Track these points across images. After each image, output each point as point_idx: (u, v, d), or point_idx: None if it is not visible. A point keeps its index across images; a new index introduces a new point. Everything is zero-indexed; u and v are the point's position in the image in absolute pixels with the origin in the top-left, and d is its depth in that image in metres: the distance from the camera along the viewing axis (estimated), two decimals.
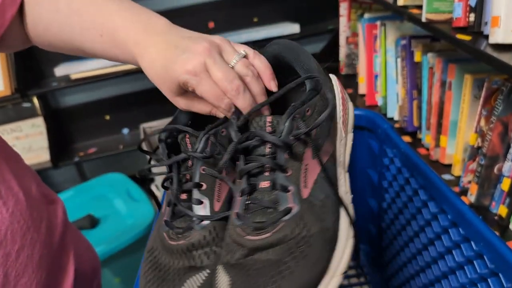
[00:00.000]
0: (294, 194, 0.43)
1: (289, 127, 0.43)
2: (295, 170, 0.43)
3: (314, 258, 0.40)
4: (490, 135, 0.81)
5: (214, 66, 0.45)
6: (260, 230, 0.42)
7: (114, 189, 1.63)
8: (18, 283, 0.49)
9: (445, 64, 0.97)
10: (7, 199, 0.50)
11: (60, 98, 2.00)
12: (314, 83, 0.47)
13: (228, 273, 0.42)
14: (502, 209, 0.80)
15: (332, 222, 0.43)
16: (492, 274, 0.53)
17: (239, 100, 0.45)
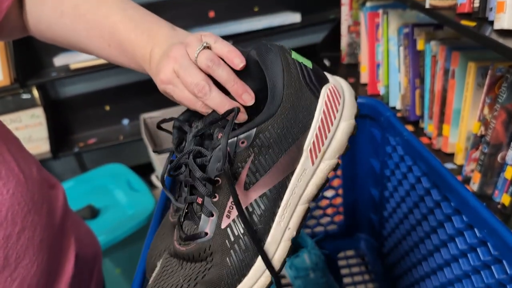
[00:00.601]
0: (214, 220, 0.43)
1: (216, 157, 0.42)
2: (222, 197, 0.43)
3: (205, 287, 0.42)
4: (494, 123, 0.81)
5: (180, 71, 0.45)
6: (181, 240, 0.45)
7: (114, 180, 1.62)
8: (19, 265, 0.49)
9: (449, 52, 0.96)
10: (8, 180, 0.50)
11: (60, 88, 1.99)
12: (267, 109, 0.44)
13: (161, 264, 0.47)
14: (506, 198, 0.80)
15: (239, 260, 0.43)
16: (495, 261, 0.52)
17: (208, 101, 0.45)
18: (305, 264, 0.88)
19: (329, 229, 1.02)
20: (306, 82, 0.45)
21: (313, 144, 0.45)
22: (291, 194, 0.44)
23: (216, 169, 0.42)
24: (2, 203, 0.48)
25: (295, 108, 0.44)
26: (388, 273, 0.92)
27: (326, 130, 0.45)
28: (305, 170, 0.45)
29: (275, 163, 0.43)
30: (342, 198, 0.97)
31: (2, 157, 0.51)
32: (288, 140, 0.44)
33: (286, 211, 0.44)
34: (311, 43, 2.02)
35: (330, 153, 0.46)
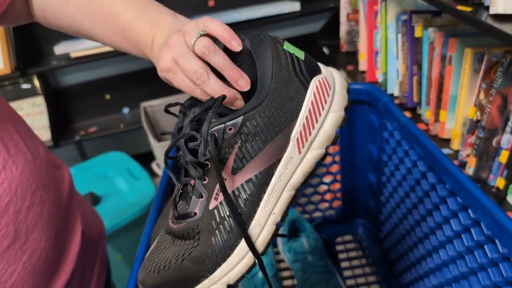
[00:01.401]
0: (203, 201, 0.45)
1: (205, 143, 0.44)
2: (211, 180, 0.45)
3: (191, 264, 0.45)
4: (489, 108, 0.82)
5: (179, 60, 0.46)
6: (174, 219, 0.48)
7: (115, 168, 1.64)
8: (28, 238, 0.51)
9: (446, 38, 0.97)
10: (17, 158, 0.52)
11: (60, 77, 2.00)
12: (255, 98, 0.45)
13: (157, 241, 0.50)
14: (500, 181, 0.81)
15: (223, 240, 0.45)
16: (488, 240, 0.54)
17: (206, 88, 0.46)
18: (303, 248, 0.90)
19: (327, 214, 1.03)
20: (296, 73, 0.46)
21: (300, 134, 0.46)
22: (277, 180, 0.46)
23: (203, 153, 0.44)
24: (12, 179, 0.50)
25: (282, 98, 0.45)
26: (385, 257, 0.93)
27: (314, 120, 0.46)
28: (292, 158, 0.46)
29: (261, 150, 0.45)
30: (340, 183, 0.98)
31: (11, 136, 0.53)
32: (275, 129, 0.45)
33: (271, 196, 0.46)
34: (310, 32, 2.02)
35: (317, 143, 0.47)
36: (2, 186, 0.49)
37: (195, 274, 0.45)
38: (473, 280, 0.59)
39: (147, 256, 0.49)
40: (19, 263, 0.50)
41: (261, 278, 0.86)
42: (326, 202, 1.01)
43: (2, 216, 0.48)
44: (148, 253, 0.50)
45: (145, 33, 0.51)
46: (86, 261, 0.65)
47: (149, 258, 0.48)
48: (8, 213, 0.49)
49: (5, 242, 0.48)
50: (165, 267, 0.46)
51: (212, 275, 0.45)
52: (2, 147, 0.51)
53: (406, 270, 0.82)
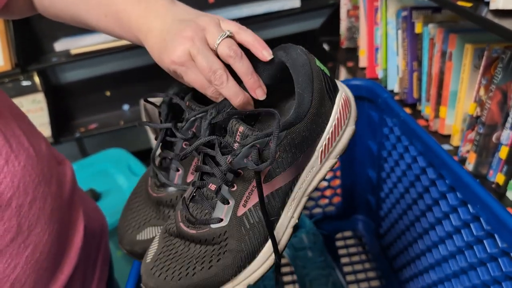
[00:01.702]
0: (230, 208, 0.45)
1: (244, 153, 0.44)
2: (240, 187, 0.45)
3: (218, 270, 0.45)
4: (489, 104, 0.82)
5: (197, 56, 0.45)
6: (190, 223, 0.47)
7: (115, 164, 1.64)
8: (31, 233, 0.51)
9: (446, 34, 0.97)
10: (19, 153, 0.52)
11: (60, 74, 1.99)
12: (295, 113, 0.46)
13: (159, 243, 0.49)
14: (500, 177, 0.81)
15: (253, 245, 0.46)
16: (488, 235, 0.54)
17: (223, 90, 0.46)
18: (303, 243, 0.90)
19: (327, 210, 1.03)
20: (327, 90, 0.49)
21: (324, 146, 0.49)
22: (299, 188, 0.48)
23: (247, 165, 0.43)
24: (14, 174, 0.50)
25: (318, 114, 0.47)
26: (385, 253, 0.94)
27: (336, 134, 0.50)
28: (313, 167, 0.49)
29: (294, 162, 0.46)
30: (340, 180, 0.98)
31: (13, 132, 0.53)
32: (308, 142, 0.47)
33: (293, 202, 0.48)
34: (310, 28, 2.02)
35: (334, 153, 0.51)
36: (5, 181, 0.49)
37: (221, 279, 0.45)
38: (472, 275, 0.59)
39: (149, 260, 0.48)
40: (22, 257, 0.50)
41: None
42: (326, 198, 1.02)
43: (5, 210, 0.48)
44: (152, 258, 0.48)
45: (139, 16, 0.50)
46: (88, 256, 0.65)
47: (156, 264, 0.47)
48: (11, 208, 0.49)
49: (8, 236, 0.49)
50: (188, 274, 0.45)
51: (236, 278, 0.46)
52: (4, 142, 0.51)
53: (406, 265, 0.82)
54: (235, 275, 0.46)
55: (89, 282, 0.64)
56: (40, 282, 0.53)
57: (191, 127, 0.51)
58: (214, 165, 0.45)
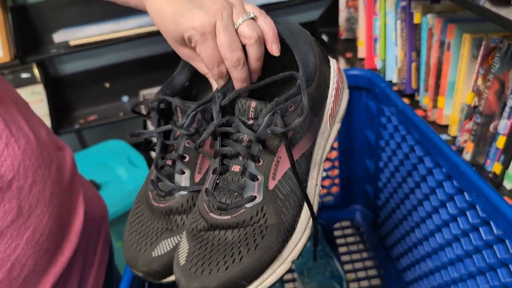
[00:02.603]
0: (260, 183, 0.45)
1: (267, 121, 0.43)
2: (266, 161, 0.45)
3: (265, 247, 0.43)
4: (487, 93, 0.82)
5: (222, 31, 0.43)
6: (222, 210, 0.45)
7: (115, 156, 1.64)
8: (31, 215, 0.52)
9: (445, 24, 0.97)
10: (19, 137, 0.53)
11: (59, 65, 1.99)
12: (305, 77, 0.47)
13: (189, 242, 0.46)
14: (497, 167, 0.81)
15: (291, 216, 0.45)
16: (483, 223, 0.54)
17: (236, 71, 0.45)
18: None
19: (326, 200, 1.04)
20: (323, 55, 0.51)
21: (331, 110, 0.51)
22: (316, 154, 0.49)
23: (275, 131, 0.43)
24: (14, 157, 0.51)
25: (322, 77, 0.49)
26: (383, 243, 0.94)
27: (338, 97, 0.52)
28: (324, 133, 0.50)
29: (312, 125, 0.47)
30: (338, 170, 0.99)
31: (12, 117, 0.54)
32: (320, 104, 0.48)
33: (314, 169, 0.49)
34: (309, 20, 2.02)
35: (338, 117, 0.53)
36: (5, 164, 0.50)
37: (270, 258, 0.44)
38: (468, 263, 0.59)
39: (184, 262, 0.45)
40: (23, 238, 0.51)
41: None
42: (324, 188, 1.02)
43: (5, 192, 0.49)
44: (186, 260, 0.45)
45: None
46: (89, 239, 0.66)
47: (194, 263, 0.44)
48: (11, 190, 0.50)
49: (8, 218, 0.49)
50: (235, 260, 0.42)
51: (281, 254, 0.44)
52: (4, 126, 0.52)
53: (403, 254, 0.83)
54: (279, 251, 0.44)
55: (89, 265, 0.65)
56: (40, 263, 0.54)
57: (192, 122, 0.49)
58: (236, 144, 0.45)
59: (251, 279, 0.43)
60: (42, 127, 0.61)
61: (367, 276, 0.91)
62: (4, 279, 0.49)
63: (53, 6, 1.82)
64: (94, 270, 0.66)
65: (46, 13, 1.83)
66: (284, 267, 0.45)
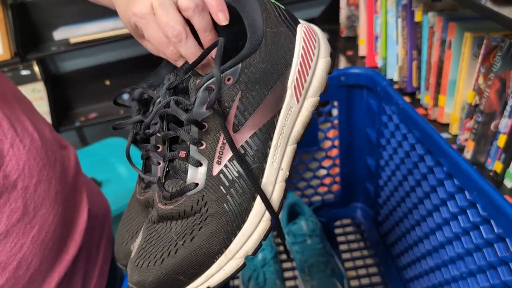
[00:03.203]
0: (203, 169, 0.41)
1: (201, 99, 0.40)
2: (210, 143, 0.41)
3: (203, 240, 0.40)
4: (488, 92, 0.82)
5: (158, 9, 0.42)
6: (166, 199, 0.42)
7: (115, 153, 1.64)
8: (37, 214, 0.52)
9: (446, 23, 0.97)
10: (23, 137, 0.53)
11: (60, 63, 1.99)
12: (248, 44, 0.42)
13: (142, 235, 0.44)
14: (498, 165, 0.82)
15: (237, 205, 0.41)
16: (484, 221, 0.54)
17: (181, 47, 0.43)
18: (302, 230, 0.91)
19: (326, 198, 1.04)
20: (283, 20, 0.45)
21: (296, 81, 0.44)
22: (280, 133, 0.44)
23: (206, 106, 0.40)
24: (20, 157, 0.52)
25: (276, 43, 0.44)
26: (383, 240, 0.94)
27: (307, 66, 0.45)
28: (291, 108, 0.44)
29: (263, 100, 0.42)
30: (339, 168, 0.99)
31: (17, 116, 0.55)
32: (273, 76, 0.43)
33: (277, 151, 0.43)
34: (310, 17, 2.02)
35: (312, 90, 0.46)
36: (10, 164, 0.50)
37: (209, 251, 0.40)
38: (469, 261, 0.60)
39: (134, 255, 0.43)
40: (28, 237, 0.51)
41: (261, 259, 0.87)
42: (325, 186, 1.02)
43: (11, 192, 0.50)
44: (136, 251, 0.43)
45: None
46: (92, 237, 0.66)
47: (140, 255, 0.42)
48: (17, 189, 0.50)
49: (14, 216, 0.50)
50: (170, 253, 0.40)
51: (228, 249, 0.40)
52: (9, 126, 0.52)
53: (404, 252, 0.83)
54: (226, 245, 0.40)
55: (93, 263, 0.66)
56: (46, 261, 0.54)
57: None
58: (177, 127, 0.42)
59: (191, 275, 0.40)
60: (46, 126, 0.61)
61: (368, 273, 0.91)
62: (11, 278, 0.50)
63: (54, 4, 1.82)
64: (98, 268, 0.66)
65: (46, 10, 1.83)
66: (235, 263, 0.41)
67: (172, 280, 0.40)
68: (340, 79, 0.86)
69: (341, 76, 0.86)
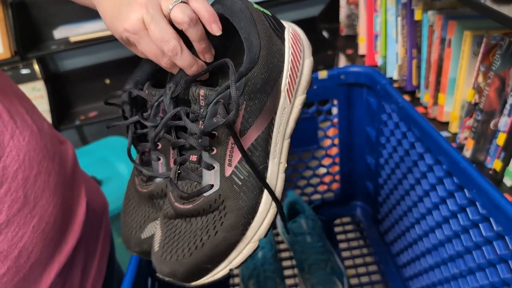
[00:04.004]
0: (217, 171, 0.46)
1: (211, 112, 0.43)
2: (220, 149, 0.45)
3: (225, 232, 0.45)
4: (487, 91, 0.82)
5: (151, 24, 0.43)
6: (183, 199, 0.47)
7: (115, 152, 1.64)
8: (37, 204, 0.53)
9: (445, 21, 0.97)
10: (23, 129, 0.54)
11: (60, 61, 1.99)
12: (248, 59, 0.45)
13: (162, 230, 0.49)
14: (497, 164, 0.82)
15: (250, 199, 0.46)
16: (483, 219, 0.55)
17: (177, 60, 0.45)
18: (302, 229, 0.91)
19: (326, 197, 1.04)
20: (273, 29, 0.49)
21: (288, 84, 0.49)
22: (277, 132, 0.49)
23: (218, 122, 0.43)
24: (20, 148, 0.52)
25: (270, 53, 0.47)
26: (383, 238, 0.95)
27: (296, 69, 0.50)
28: (285, 108, 0.49)
29: (263, 106, 0.46)
30: (339, 166, 0.99)
31: (16, 109, 0.55)
32: (270, 83, 0.47)
33: (276, 148, 0.48)
34: (310, 16, 2.02)
35: (300, 89, 0.51)
36: (11, 154, 0.51)
37: (231, 241, 0.45)
38: (468, 259, 0.60)
39: (157, 248, 0.48)
40: (29, 226, 0.52)
41: (261, 258, 0.87)
42: (325, 184, 1.03)
43: (12, 182, 0.51)
44: (159, 246, 0.48)
45: None
46: (91, 230, 0.67)
47: (165, 249, 0.47)
48: (17, 180, 0.51)
49: (15, 206, 0.51)
50: (198, 247, 0.45)
51: (245, 236, 0.46)
52: (9, 118, 0.53)
53: (403, 250, 0.83)
54: (243, 233, 0.46)
55: (92, 255, 0.67)
56: (46, 251, 0.55)
57: (157, 112, 0.50)
58: (188, 136, 0.46)
59: (217, 262, 0.46)
60: (44, 121, 0.62)
61: (367, 271, 0.91)
62: (12, 266, 0.51)
63: (54, 2, 1.81)
64: (96, 261, 0.67)
65: (46, 9, 1.82)
66: (251, 247, 0.47)
67: (201, 268, 0.45)
68: (340, 77, 0.86)
69: (341, 75, 0.86)
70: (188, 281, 0.46)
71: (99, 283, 0.68)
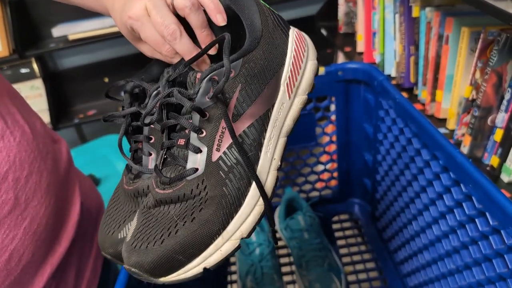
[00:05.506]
0: (203, 155, 0.43)
1: (204, 88, 0.43)
2: (210, 131, 0.44)
3: (203, 220, 0.42)
4: (485, 86, 0.82)
5: (153, 10, 0.45)
6: (165, 185, 0.44)
7: (114, 150, 1.64)
8: (28, 205, 0.53)
9: (443, 18, 0.97)
10: (14, 129, 0.54)
11: (58, 60, 1.99)
12: (248, 41, 0.46)
13: (138, 219, 0.46)
14: (494, 160, 0.82)
15: (235, 188, 0.44)
16: (479, 214, 0.55)
17: (176, 45, 0.45)
18: (299, 225, 0.91)
19: (324, 194, 1.04)
20: (277, 23, 0.50)
21: (288, 79, 0.49)
22: (273, 126, 0.47)
23: (212, 95, 0.42)
24: (10, 149, 0.52)
25: (272, 43, 0.47)
26: (380, 235, 0.95)
27: (298, 67, 0.50)
28: (283, 103, 0.48)
29: (260, 94, 0.46)
30: (337, 163, 0.99)
31: (7, 109, 0.55)
32: (269, 72, 0.47)
33: (270, 142, 0.47)
34: (308, 14, 2.02)
35: (301, 89, 0.50)
36: (1, 155, 0.51)
37: (208, 232, 0.42)
38: (464, 254, 0.60)
39: (130, 239, 0.44)
40: (20, 228, 0.52)
41: (258, 254, 0.87)
42: (323, 181, 1.03)
43: (2, 183, 0.50)
44: (132, 235, 0.44)
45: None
46: (85, 231, 0.67)
47: (137, 237, 0.43)
48: (8, 181, 0.51)
49: (5, 208, 0.50)
50: (171, 233, 0.42)
51: (225, 230, 0.43)
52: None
53: (401, 247, 0.83)
54: (223, 226, 0.43)
55: (86, 256, 0.66)
56: (38, 253, 0.54)
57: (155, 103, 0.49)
58: (179, 116, 0.45)
59: (190, 255, 0.42)
60: (37, 119, 0.62)
61: (365, 268, 0.91)
62: (3, 269, 0.50)
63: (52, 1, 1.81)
64: (91, 263, 0.67)
65: (45, 7, 1.82)
66: (231, 245, 0.43)
67: (172, 260, 0.41)
68: (338, 74, 0.86)
69: (339, 71, 0.86)
70: (156, 274, 0.42)
71: (94, 285, 0.67)
